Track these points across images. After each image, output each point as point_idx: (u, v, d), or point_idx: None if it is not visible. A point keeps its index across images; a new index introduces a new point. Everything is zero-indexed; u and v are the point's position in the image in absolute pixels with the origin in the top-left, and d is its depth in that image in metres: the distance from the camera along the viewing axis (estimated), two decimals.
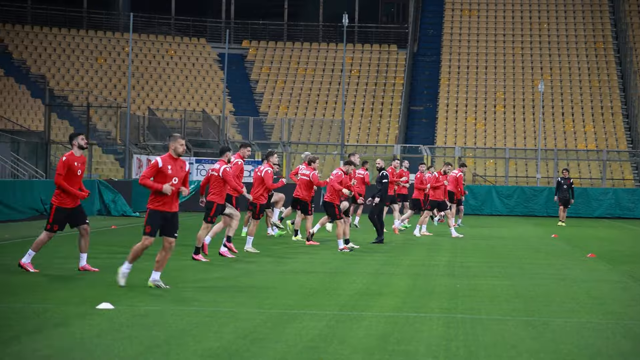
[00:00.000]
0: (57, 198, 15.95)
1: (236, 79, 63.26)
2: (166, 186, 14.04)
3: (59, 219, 15.97)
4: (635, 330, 11.20)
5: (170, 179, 14.13)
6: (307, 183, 23.67)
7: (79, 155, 16.09)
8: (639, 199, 46.77)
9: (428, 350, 9.67)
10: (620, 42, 64.98)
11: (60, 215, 15.96)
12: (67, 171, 15.83)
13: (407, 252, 22.11)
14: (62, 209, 15.94)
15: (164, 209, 14.25)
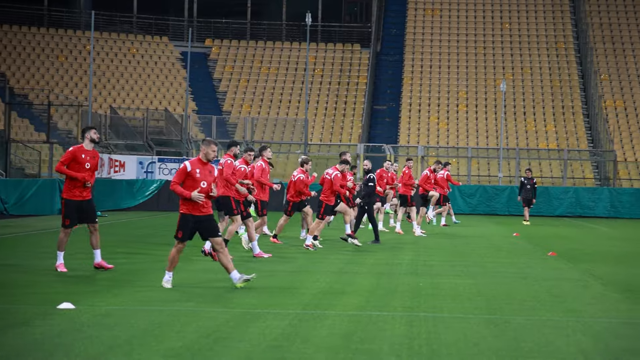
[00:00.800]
0: (65, 191, 16.03)
1: (199, 77, 63.06)
2: (195, 194, 14.03)
3: (70, 212, 16.03)
4: (595, 328, 11.29)
5: (199, 183, 14.13)
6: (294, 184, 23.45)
7: (89, 148, 16.21)
8: (599, 197, 47.20)
9: (391, 349, 9.69)
10: (581, 42, 65.53)
11: (71, 208, 16.02)
12: (72, 162, 15.92)
13: (371, 251, 22.14)
14: (71, 201, 16.01)
15: (195, 213, 14.24)
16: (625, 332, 11.05)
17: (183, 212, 14.33)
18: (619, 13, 66.97)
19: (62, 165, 15.89)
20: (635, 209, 46.96)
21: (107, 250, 17.95)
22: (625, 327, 11.47)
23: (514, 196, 46.11)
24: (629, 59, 63.56)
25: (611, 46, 64.50)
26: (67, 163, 15.91)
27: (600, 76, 62.18)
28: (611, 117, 59.38)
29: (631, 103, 60.49)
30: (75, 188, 16.01)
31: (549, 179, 54.74)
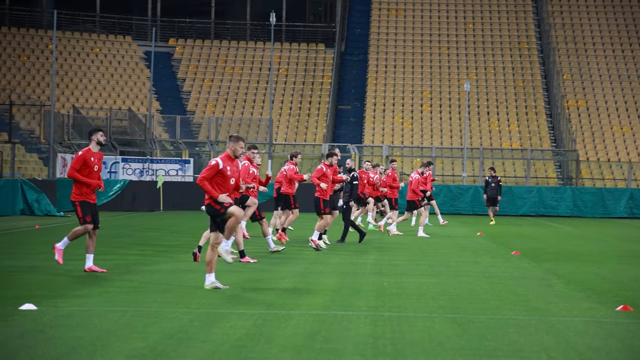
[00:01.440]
0: (78, 195, 15.95)
1: (163, 77, 62.81)
2: (223, 196, 13.91)
3: (87, 210, 15.99)
4: (557, 327, 11.36)
5: (229, 179, 14.08)
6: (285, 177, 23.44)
7: (96, 151, 16.16)
8: (562, 197, 47.54)
9: (355, 349, 9.69)
10: (544, 42, 65.98)
11: (86, 207, 15.97)
12: (82, 166, 15.87)
13: (335, 251, 22.15)
14: (85, 202, 15.97)
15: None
16: (588, 330, 11.13)
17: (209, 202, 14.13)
18: (581, 13, 67.51)
19: (74, 172, 15.87)
20: (598, 208, 47.36)
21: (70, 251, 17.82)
22: (587, 325, 11.55)
23: (478, 196, 46.34)
24: (591, 59, 64.08)
25: (573, 46, 65.01)
26: (79, 168, 15.88)
27: (563, 76, 62.64)
28: (573, 116, 59.83)
29: (593, 103, 60.99)
30: (87, 191, 16.00)
31: (513, 179, 55.07)
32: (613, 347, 10.16)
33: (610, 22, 66.83)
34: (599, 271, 18.39)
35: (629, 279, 16.98)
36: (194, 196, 45.78)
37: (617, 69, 63.31)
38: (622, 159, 56.66)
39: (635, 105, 60.69)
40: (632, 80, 62.43)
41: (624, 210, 47.36)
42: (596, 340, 10.53)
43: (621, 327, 11.47)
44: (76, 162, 15.87)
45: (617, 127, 59.21)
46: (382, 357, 9.34)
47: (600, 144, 57.99)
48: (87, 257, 16.18)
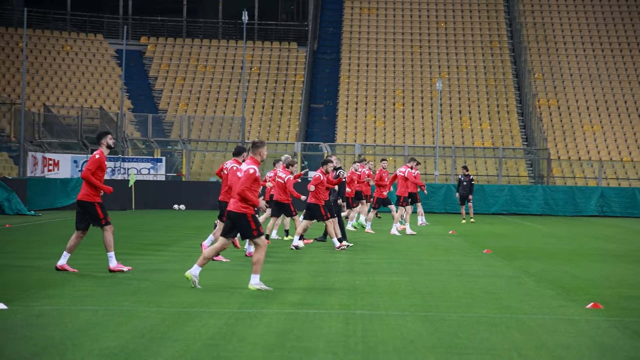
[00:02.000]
0: (95, 195, 16.09)
1: (134, 75, 62.57)
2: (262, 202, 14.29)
3: (106, 210, 16.20)
4: (528, 324, 11.42)
5: (259, 185, 14.36)
6: (282, 186, 23.01)
7: (107, 154, 16.32)
8: (533, 195, 47.79)
9: (327, 347, 9.70)
10: (515, 41, 66.29)
11: (104, 207, 16.17)
12: (97, 169, 16.02)
13: (308, 250, 22.15)
14: (101, 203, 16.15)
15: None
16: (558, 328, 11.19)
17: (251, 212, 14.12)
18: (552, 13, 67.87)
19: (90, 174, 15.97)
20: (569, 206, 47.65)
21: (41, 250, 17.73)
22: (558, 323, 11.61)
23: (451, 194, 46.49)
24: (562, 58, 64.44)
25: (544, 45, 65.35)
26: (95, 170, 16.02)
27: (534, 75, 62.96)
28: (545, 115, 60.15)
29: (564, 102, 61.34)
30: (98, 192, 16.13)
31: (485, 177, 55.30)
32: (583, 344, 10.23)
33: (581, 21, 67.24)
34: (569, 269, 18.50)
35: (599, 277, 17.09)
36: (166, 195, 45.68)
37: (588, 68, 63.70)
38: (592, 158, 57.02)
39: (606, 104, 61.10)
40: (603, 79, 62.85)
41: (595, 209, 47.68)
42: (566, 337, 10.59)
43: (591, 324, 11.55)
44: (93, 164, 15.98)
45: (587, 126, 59.58)
46: (354, 355, 9.36)
47: (571, 142, 58.33)
48: (65, 255, 16.10)
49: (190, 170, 52.95)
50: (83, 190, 16.13)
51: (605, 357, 9.60)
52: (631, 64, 63.94)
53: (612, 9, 67.90)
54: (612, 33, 66.22)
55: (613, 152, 57.65)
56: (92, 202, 16.03)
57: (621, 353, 9.81)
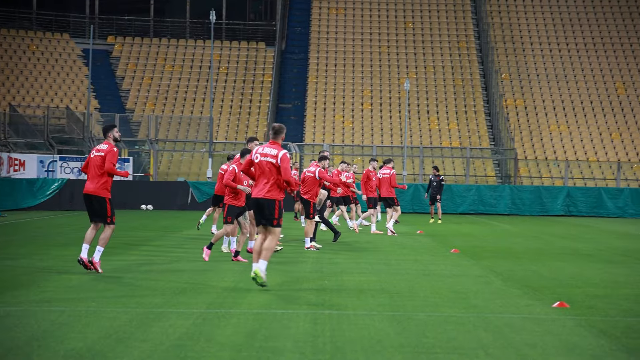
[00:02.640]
0: (108, 191, 16.10)
1: (101, 75, 62.25)
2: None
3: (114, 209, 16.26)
4: (495, 323, 11.47)
5: None
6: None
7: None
8: (500, 195, 48.03)
9: (295, 347, 9.70)
10: (482, 41, 66.60)
11: (113, 204, 16.21)
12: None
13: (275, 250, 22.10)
14: (112, 200, 16.20)
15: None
16: (525, 327, 11.25)
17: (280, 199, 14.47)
18: (519, 13, 68.25)
19: (113, 166, 16.07)
20: (535, 206, 47.94)
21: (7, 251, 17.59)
22: (524, 321, 11.68)
23: (418, 194, 46.65)
24: (529, 58, 64.82)
25: (511, 46, 65.70)
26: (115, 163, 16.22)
27: (501, 75, 63.28)
28: (512, 115, 60.47)
29: (531, 102, 61.70)
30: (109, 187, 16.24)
31: (452, 177, 55.51)
32: (549, 343, 10.29)
33: (548, 22, 67.66)
34: (536, 268, 18.60)
35: (565, 276, 17.20)
36: (133, 195, 45.47)
37: (555, 68, 64.11)
38: (559, 158, 57.39)
39: (572, 105, 61.52)
40: (569, 80, 63.28)
41: (561, 208, 47.99)
42: (533, 336, 10.65)
43: (557, 323, 11.62)
44: (114, 157, 16.13)
45: (554, 126, 59.95)
46: (322, 354, 9.36)
47: (538, 142, 58.67)
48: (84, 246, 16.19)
49: (158, 170, 52.76)
50: (94, 184, 16.10)
51: (571, 356, 9.66)
52: (597, 64, 64.42)
53: (578, 9, 68.39)
54: (578, 34, 66.69)
55: (579, 151, 58.06)
56: (104, 197, 16.10)
57: (587, 352, 9.88)
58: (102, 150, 16.16)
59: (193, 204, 45.34)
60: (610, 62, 64.69)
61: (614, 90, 62.69)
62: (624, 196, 48.26)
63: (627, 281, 16.62)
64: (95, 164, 16.10)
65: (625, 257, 22.13)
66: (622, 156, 57.70)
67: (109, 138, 16.28)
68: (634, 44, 65.93)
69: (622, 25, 67.28)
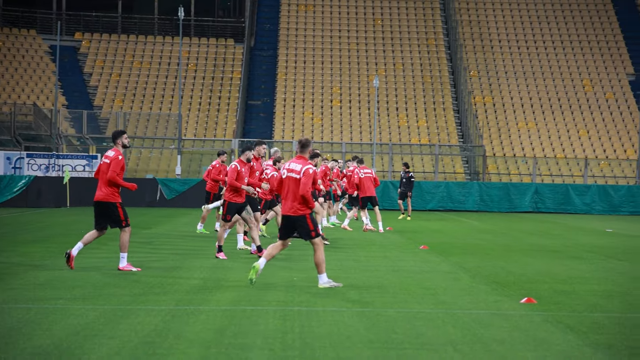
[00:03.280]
0: (116, 196, 16.10)
1: (69, 71, 61.86)
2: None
3: (126, 211, 16.25)
4: (464, 319, 11.52)
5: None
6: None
7: (122, 152, 16.41)
8: (469, 192, 48.21)
9: (264, 343, 9.69)
10: (451, 39, 66.81)
11: (124, 208, 16.22)
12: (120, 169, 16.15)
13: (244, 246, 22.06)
14: (122, 203, 16.21)
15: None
16: (493, 323, 11.30)
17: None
18: (487, 10, 68.55)
19: (117, 176, 16.07)
20: (504, 202, 48.16)
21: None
22: (492, 317, 11.73)
23: (388, 191, 46.73)
24: (497, 55, 65.11)
25: (480, 43, 65.97)
26: (119, 172, 16.15)
27: (470, 72, 63.53)
28: (480, 112, 60.73)
29: (499, 99, 61.99)
30: (119, 192, 16.23)
31: (421, 174, 55.65)
32: (517, 338, 10.34)
33: (516, 20, 68.00)
34: (504, 265, 18.69)
35: (533, 272, 17.29)
36: None
37: (522, 66, 64.45)
38: (527, 155, 57.70)
39: (540, 102, 61.86)
40: (537, 77, 63.63)
41: (529, 205, 48.26)
42: (501, 332, 10.70)
43: (525, 319, 11.68)
44: (117, 165, 16.09)
45: (522, 123, 60.27)
46: (291, 351, 9.36)
47: (506, 139, 58.96)
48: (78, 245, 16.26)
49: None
50: (102, 191, 16.13)
51: (538, 351, 9.71)
52: (564, 62, 64.83)
53: (546, 7, 68.79)
54: (545, 31, 67.08)
55: (547, 149, 58.41)
56: (114, 202, 16.11)
57: (554, 347, 9.94)
58: (108, 157, 16.22)
59: (162, 201, 45.19)
60: (578, 59, 65.12)
61: (582, 87, 63.11)
62: (591, 193, 48.60)
63: (594, 277, 16.74)
64: (103, 171, 16.17)
65: (592, 253, 22.29)
66: (590, 153, 58.11)
67: (117, 145, 16.29)
68: (601, 42, 66.41)
69: (590, 23, 67.73)
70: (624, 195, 48.65)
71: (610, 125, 60.46)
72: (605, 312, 12.38)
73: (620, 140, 59.43)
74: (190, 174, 53.03)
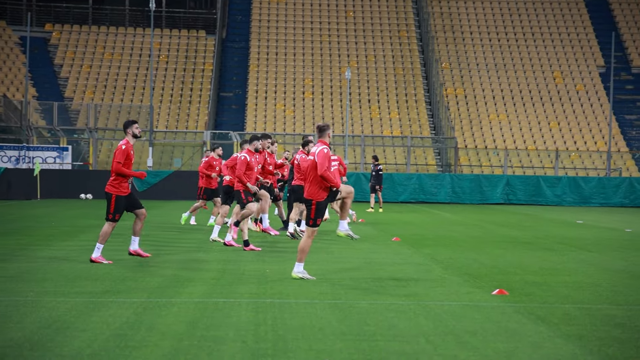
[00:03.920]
0: (115, 187, 16.04)
1: (39, 63, 61.45)
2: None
3: (120, 208, 16.08)
4: (436, 311, 11.55)
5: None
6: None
7: (133, 143, 16.30)
8: (441, 183, 48.36)
9: (237, 335, 9.68)
10: (423, 31, 66.93)
11: (121, 204, 16.08)
12: (126, 159, 16.06)
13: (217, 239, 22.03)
14: (121, 197, 16.07)
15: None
16: (465, 314, 11.34)
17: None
18: (459, 2, 68.71)
19: (120, 165, 16.02)
20: (475, 194, 48.36)
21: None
22: (465, 309, 11.77)
23: (360, 183, 46.79)
24: (469, 47, 65.31)
25: (451, 35, 66.13)
26: (124, 162, 16.08)
27: (442, 64, 63.66)
28: (452, 104, 60.90)
29: (471, 91, 62.19)
30: (124, 184, 16.16)
31: (393, 166, 55.77)
32: (489, 330, 10.38)
33: (487, 12, 68.21)
34: (476, 256, 18.76)
35: (504, 264, 17.37)
36: (72, 184, 45.01)
37: (494, 58, 64.67)
38: (498, 146, 57.94)
39: (511, 94, 62.13)
40: (508, 69, 63.88)
41: (500, 197, 48.49)
42: (473, 323, 10.74)
43: (497, 310, 11.73)
44: (121, 155, 16.04)
45: (494, 115, 60.51)
46: (263, 343, 9.35)
47: (477, 131, 59.17)
48: (133, 239, 16.49)
49: (97, 159, 52.28)
50: (109, 181, 16.18)
51: (510, 342, 9.76)
52: (535, 54, 65.12)
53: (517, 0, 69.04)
54: (517, 23, 67.33)
55: (518, 140, 58.67)
56: (111, 193, 16.12)
57: (526, 338, 9.99)
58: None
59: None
60: (549, 51, 65.42)
61: (552, 79, 63.44)
62: (562, 184, 48.88)
63: (565, 268, 16.84)
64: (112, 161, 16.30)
65: (563, 244, 22.42)
66: (560, 145, 58.43)
67: (127, 134, 16.29)
68: (571, 34, 66.75)
69: (560, 16, 68.06)
70: (594, 186, 48.98)
71: (580, 117, 60.82)
72: (576, 304, 12.46)
73: (591, 132, 59.79)
74: (161, 166, 52.89)
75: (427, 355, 9.07)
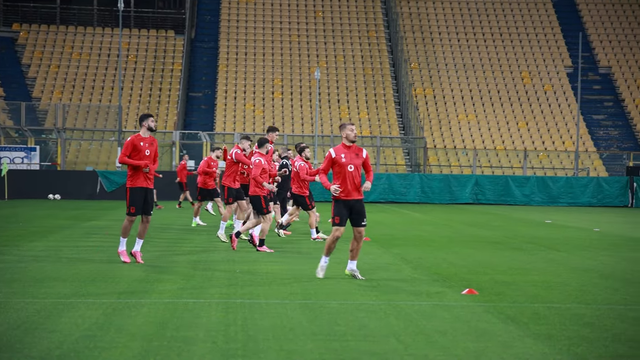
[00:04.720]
0: (130, 180, 16.09)
1: (6, 62, 61.04)
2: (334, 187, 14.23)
3: (136, 200, 16.02)
4: (406, 310, 11.57)
5: (345, 167, 14.22)
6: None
7: (146, 136, 16.29)
8: (410, 183, 48.48)
9: (207, 336, 9.65)
10: (392, 31, 67.09)
11: (137, 196, 16.02)
12: (132, 151, 16.05)
13: (187, 238, 22.00)
14: (137, 189, 16.03)
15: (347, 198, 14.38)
16: (435, 314, 11.37)
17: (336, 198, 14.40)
18: (427, 3, 68.93)
19: (124, 157, 16.07)
20: (444, 194, 48.52)
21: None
22: (435, 309, 11.81)
23: None
24: (437, 47, 65.53)
25: (420, 35, 66.34)
26: (129, 153, 16.08)
27: (411, 65, 63.84)
28: (421, 104, 61.08)
29: (440, 91, 62.40)
30: (140, 176, 16.11)
31: None
32: (459, 329, 10.42)
33: (456, 12, 68.47)
34: (445, 256, 18.82)
35: (474, 264, 17.44)
36: (40, 184, 44.72)
37: (462, 58, 64.93)
38: (467, 146, 58.18)
39: (480, 94, 62.41)
40: (477, 69, 64.16)
41: (470, 196, 48.68)
42: (443, 323, 10.77)
43: (467, 310, 11.77)
44: (126, 148, 16.15)
45: (462, 115, 60.74)
46: (234, 343, 9.34)
47: (447, 131, 59.38)
48: (137, 241, 16.31)
49: (66, 159, 51.99)
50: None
51: (480, 342, 9.79)
52: (504, 55, 65.45)
53: (485, 0, 69.35)
54: (485, 24, 67.65)
55: (487, 140, 58.94)
56: (127, 186, 16.22)
57: (495, 338, 10.03)
58: None
59: (102, 193, 44.78)
60: (517, 52, 65.77)
61: (520, 80, 63.78)
62: (530, 184, 49.15)
63: (534, 268, 16.92)
64: None
65: (532, 244, 22.54)
66: (529, 145, 58.75)
67: (142, 127, 16.38)
68: (539, 34, 67.15)
69: (528, 16, 68.44)
70: (562, 186, 49.28)
71: (549, 117, 61.20)
72: (545, 303, 12.53)
73: (559, 132, 60.18)
74: None
75: (398, 354, 9.08)
